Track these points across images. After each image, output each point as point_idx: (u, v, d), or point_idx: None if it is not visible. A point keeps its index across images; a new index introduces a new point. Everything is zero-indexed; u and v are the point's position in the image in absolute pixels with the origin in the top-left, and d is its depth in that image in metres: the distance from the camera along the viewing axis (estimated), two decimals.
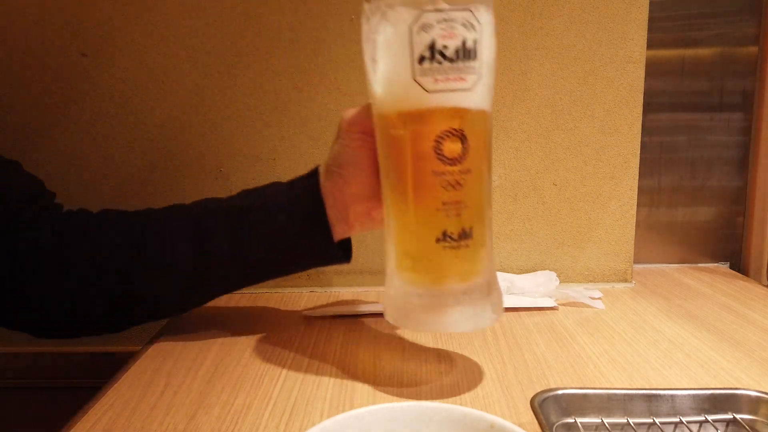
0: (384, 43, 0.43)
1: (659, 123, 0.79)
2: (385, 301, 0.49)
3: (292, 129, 0.73)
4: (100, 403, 0.47)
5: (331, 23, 0.71)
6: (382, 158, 0.47)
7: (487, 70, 0.43)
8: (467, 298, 0.45)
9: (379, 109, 0.46)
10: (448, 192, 0.43)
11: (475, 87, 0.43)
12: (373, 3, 0.43)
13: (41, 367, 0.79)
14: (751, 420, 0.39)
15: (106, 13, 0.71)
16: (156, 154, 0.74)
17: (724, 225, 0.82)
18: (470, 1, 0.41)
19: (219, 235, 0.54)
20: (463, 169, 0.43)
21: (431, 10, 0.40)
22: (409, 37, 0.41)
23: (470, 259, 0.45)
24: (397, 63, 0.42)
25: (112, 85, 0.72)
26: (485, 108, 0.45)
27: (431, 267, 0.45)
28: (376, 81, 0.45)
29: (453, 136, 0.42)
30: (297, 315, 0.64)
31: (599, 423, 0.39)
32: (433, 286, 0.45)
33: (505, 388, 0.47)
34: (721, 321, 0.61)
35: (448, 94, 0.42)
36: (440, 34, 0.41)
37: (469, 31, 0.41)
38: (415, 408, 0.36)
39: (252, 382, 0.50)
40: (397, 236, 0.47)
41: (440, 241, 0.44)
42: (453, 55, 0.41)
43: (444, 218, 0.44)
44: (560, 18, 0.70)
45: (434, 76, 0.41)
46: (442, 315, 0.45)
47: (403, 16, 0.41)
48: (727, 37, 0.77)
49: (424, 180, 0.43)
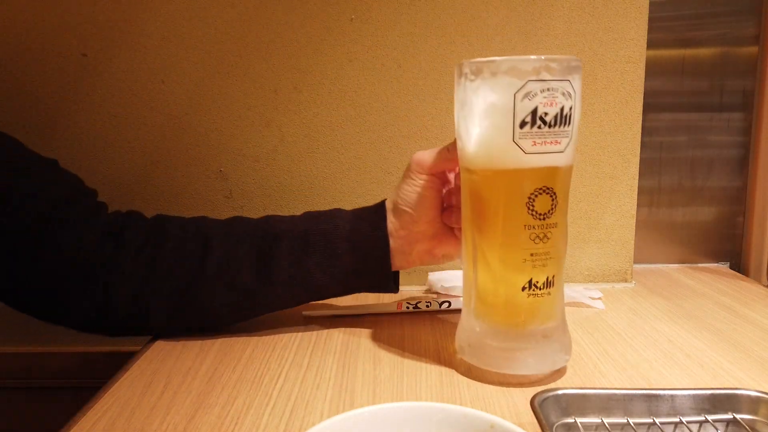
0: (484, 105, 0.45)
1: (659, 123, 0.79)
2: (461, 337, 0.52)
3: (292, 129, 0.73)
4: (100, 403, 0.47)
5: (331, 23, 0.71)
6: (468, 207, 0.49)
7: (576, 132, 0.46)
8: (544, 342, 0.48)
9: (472, 164, 0.48)
10: (537, 244, 0.46)
11: (567, 148, 0.45)
12: (473, 65, 0.45)
13: (41, 367, 0.79)
14: (751, 420, 0.39)
15: (106, 13, 0.71)
16: (156, 154, 0.74)
17: (724, 225, 0.82)
18: (569, 71, 0.44)
19: (282, 259, 0.56)
20: (551, 222, 0.46)
21: (536, 80, 0.43)
22: (513, 103, 0.43)
23: (550, 306, 0.48)
24: (497, 125, 0.44)
25: (112, 85, 0.72)
26: (572, 164, 0.47)
27: (514, 313, 0.48)
28: (469, 138, 0.47)
29: (545, 194, 0.45)
30: (297, 315, 0.64)
31: (599, 423, 0.39)
32: (513, 331, 0.48)
33: (506, 388, 0.47)
34: (721, 321, 0.61)
35: (543, 156, 0.45)
36: (542, 101, 0.43)
37: (567, 99, 0.44)
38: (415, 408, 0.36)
39: (252, 383, 0.50)
40: (482, 281, 0.49)
41: (526, 289, 0.46)
42: (552, 120, 0.44)
43: (531, 269, 0.46)
44: (560, 18, 0.70)
45: (533, 139, 0.44)
46: (519, 359, 0.48)
47: (509, 84, 0.43)
48: (727, 37, 0.77)
49: (516, 232, 0.46)
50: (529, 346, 0.48)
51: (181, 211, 0.74)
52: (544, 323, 0.48)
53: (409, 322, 0.62)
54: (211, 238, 0.57)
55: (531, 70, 0.43)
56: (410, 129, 0.73)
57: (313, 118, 0.73)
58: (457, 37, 0.71)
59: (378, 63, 0.72)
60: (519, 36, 0.71)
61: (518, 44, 0.71)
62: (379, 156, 0.73)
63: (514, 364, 0.48)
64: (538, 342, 0.48)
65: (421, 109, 0.72)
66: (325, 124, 0.73)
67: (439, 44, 0.71)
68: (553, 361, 0.49)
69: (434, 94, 0.72)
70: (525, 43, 0.71)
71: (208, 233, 0.57)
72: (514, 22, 0.70)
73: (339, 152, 0.74)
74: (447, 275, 0.72)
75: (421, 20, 0.71)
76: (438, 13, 0.70)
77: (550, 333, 0.48)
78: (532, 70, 0.43)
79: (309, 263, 0.56)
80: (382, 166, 0.74)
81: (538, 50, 0.71)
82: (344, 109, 0.73)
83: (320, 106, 0.72)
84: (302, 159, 0.74)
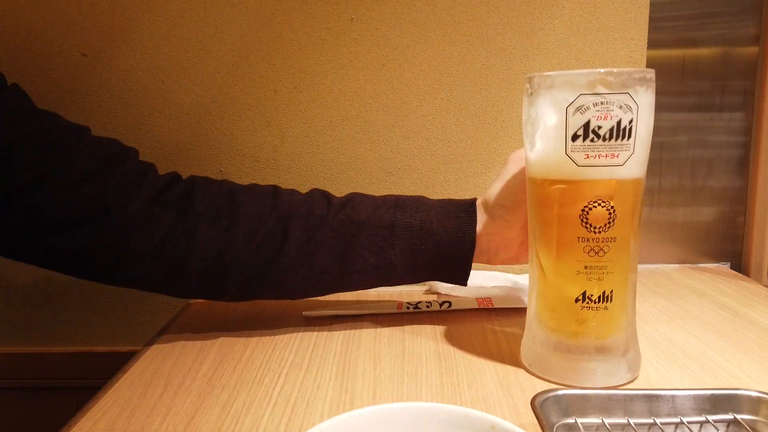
0: (542, 118, 0.45)
1: (660, 123, 0.78)
2: (524, 344, 0.52)
3: (292, 129, 0.73)
4: (100, 403, 0.47)
5: (331, 23, 0.71)
6: (531, 215, 0.49)
7: (641, 145, 0.45)
8: (602, 357, 0.47)
9: (533, 173, 0.48)
10: (591, 257, 0.45)
11: (627, 161, 0.44)
12: (536, 80, 0.45)
13: (41, 367, 0.79)
14: (751, 420, 0.39)
15: (106, 13, 0.71)
16: (156, 154, 0.74)
17: (724, 225, 0.82)
18: (629, 84, 0.43)
19: (364, 249, 0.55)
20: (608, 237, 0.45)
21: (588, 94, 0.43)
22: (565, 116, 0.43)
23: (608, 321, 0.47)
24: (552, 137, 0.45)
25: (112, 85, 0.72)
26: (637, 177, 0.46)
27: (569, 324, 0.47)
28: (531, 148, 0.47)
29: (600, 207, 0.45)
30: (297, 315, 0.64)
31: (600, 423, 0.39)
32: (569, 342, 0.48)
33: (506, 389, 0.47)
34: (722, 321, 0.61)
35: (598, 169, 0.44)
36: (595, 115, 0.43)
37: (626, 112, 0.43)
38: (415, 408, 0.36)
39: (252, 383, 0.49)
40: (541, 289, 0.49)
41: (579, 301, 0.46)
42: (606, 134, 0.43)
43: (585, 281, 0.46)
44: (561, 18, 0.70)
45: (586, 152, 0.44)
46: (575, 370, 0.47)
47: (562, 98, 0.43)
48: (727, 37, 0.77)
49: (570, 243, 0.46)
50: (584, 358, 0.47)
51: None
52: (602, 339, 0.47)
53: (409, 322, 0.62)
54: (291, 217, 0.56)
55: (585, 84, 0.43)
56: (410, 129, 0.73)
57: (313, 118, 0.73)
58: (457, 37, 0.71)
59: (378, 63, 0.71)
60: (519, 36, 0.71)
61: (518, 44, 0.71)
62: (379, 156, 0.73)
63: (569, 376, 0.47)
64: (593, 356, 0.47)
65: (422, 109, 0.72)
66: (325, 124, 0.73)
67: (440, 44, 0.71)
68: (612, 377, 0.47)
69: (434, 94, 0.72)
70: (525, 43, 0.71)
71: (289, 212, 0.56)
72: (514, 22, 0.70)
73: (339, 152, 0.74)
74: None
75: (421, 20, 0.71)
76: (438, 13, 0.70)
77: (610, 349, 0.47)
78: (585, 84, 0.43)
79: (392, 255, 0.55)
80: (382, 166, 0.74)
81: (538, 50, 0.71)
82: (344, 109, 0.73)
83: (320, 106, 0.72)
84: (302, 159, 0.74)
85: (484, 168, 0.74)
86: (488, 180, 0.74)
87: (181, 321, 0.64)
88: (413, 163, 0.74)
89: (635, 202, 0.46)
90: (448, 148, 0.73)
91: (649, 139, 0.45)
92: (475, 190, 0.74)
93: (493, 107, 0.73)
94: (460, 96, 0.72)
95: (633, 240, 0.47)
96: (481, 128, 0.73)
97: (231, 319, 0.65)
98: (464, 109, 0.72)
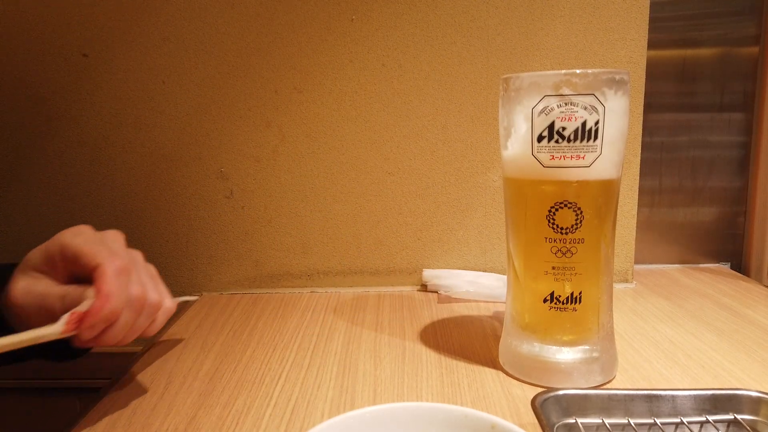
0: (511, 118, 0.46)
1: (660, 123, 0.79)
2: (501, 344, 0.52)
3: (292, 129, 0.73)
4: (101, 403, 0.47)
5: (331, 23, 0.71)
6: (506, 216, 0.50)
7: (610, 147, 0.45)
8: (574, 358, 0.47)
9: (506, 173, 0.49)
10: (559, 258, 0.46)
11: (594, 163, 0.44)
12: (506, 80, 0.46)
13: (41, 368, 0.79)
14: (752, 420, 0.39)
15: (107, 13, 0.71)
16: (156, 155, 0.74)
17: (724, 225, 0.82)
18: (596, 85, 0.43)
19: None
20: (576, 238, 0.45)
21: (553, 95, 0.43)
22: (531, 117, 0.44)
23: (578, 322, 0.47)
24: (521, 138, 0.46)
25: (113, 85, 0.72)
26: (606, 179, 0.46)
27: (538, 324, 0.48)
28: (504, 148, 0.48)
29: (566, 208, 0.45)
30: (297, 315, 0.64)
31: (600, 423, 0.39)
32: (539, 343, 0.48)
33: (506, 389, 0.47)
34: (722, 321, 0.61)
35: (564, 170, 0.44)
36: (560, 116, 0.43)
37: (591, 113, 0.43)
38: (415, 408, 0.36)
39: (252, 383, 0.49)
40: (514, 289, 0.50)
41: (548, 301, 0.47)
42: (571, 135, 0.43)
43: (553, 281, 0.46)
44: (561, 18, 0.70)
45: (551, 153, 0.44)
46: (547, 370, 0.47)
47: (528, 99, 0.44)
48: (727, 37, 0.77)
49: (538, 243, 0.46)
50: (555, 359, 0.47)
51: (181, 211, 0.75)
52: (572, 340, 0.47)
53: (410, 323, 0.62)
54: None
55: (550, 85, 0.43)
56: (410, 129, 0.73)
57: (313, 118, 0.73)
58: (457, 37, 0.71)
59: (378, 63, 0.71)
60: (519, 36, 0.71)
61: (518, 44, 0.71)
62: (379, 156, 0.73)
63: (542, 376, 0.48)
64: (564, 357, 0.47)
65: (422, 109, 0.72)
66: (325, 124, 0.73)
67: (440, 44, 0.71)
68: (585, 379, 0.47)
69: (435, 95, 0.72)
70: (525, 43, 0.71)
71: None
72: (514, 22, 0.70)
73: (339, 152, 0.74)
74: (443, 273, 0.73)
75: (421, 20, 0.71)
76: (438, 13, 0.70)
77: (581, 351, 0.47)
78: (551, 85, 0.43)
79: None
80: (382, 166, 0.74)
81: (538, 50, 0.71)
82: (344, 109, 0.73)
83: (320, 106, 0.72)
84: (303, 159, 0.74)
85: (484, 168, 0.74)
86: (488, 180, 0.74)
87: (182, 321, 0.65)
88: (413, 163, 0.74)
89: (606, 203, 0.46)
90: (448, 148, 0.73)
91: (621, 140, 0.45)
92: (475, 190, 0.74)
93: (493, 107, 0.73)
94: (460, 96, 0.72)
95: (605, 242, 0.47)
96: (481, 128, 0.73)
97: (232, 319, 0.65)
98: (464, 109, 0.72)
